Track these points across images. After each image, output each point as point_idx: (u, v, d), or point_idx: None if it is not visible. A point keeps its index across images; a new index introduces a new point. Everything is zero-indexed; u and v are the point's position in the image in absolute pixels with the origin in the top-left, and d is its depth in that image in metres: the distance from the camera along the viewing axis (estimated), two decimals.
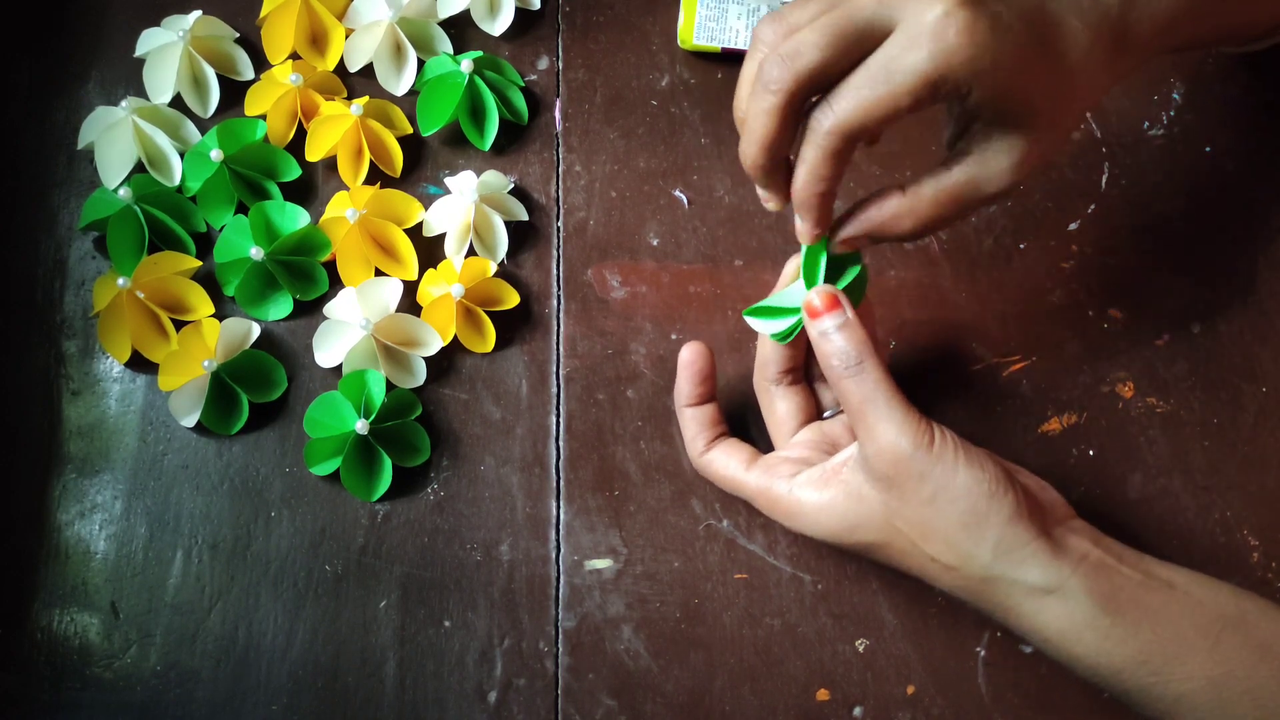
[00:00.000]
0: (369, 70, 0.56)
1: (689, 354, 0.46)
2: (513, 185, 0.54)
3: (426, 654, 0.47)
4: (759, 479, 0.44)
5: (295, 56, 0.56)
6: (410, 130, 0.55)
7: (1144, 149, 0.55)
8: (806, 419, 0.46)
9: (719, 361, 0.47)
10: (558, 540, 0.49)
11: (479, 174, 0.53)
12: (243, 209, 0.53)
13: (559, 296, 0.53)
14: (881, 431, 0.39)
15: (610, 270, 0.53)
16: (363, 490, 0.49)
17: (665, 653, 0.47)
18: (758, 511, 0.48)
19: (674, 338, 0.52)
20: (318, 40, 0.56)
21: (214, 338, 0.49)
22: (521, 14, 0.57)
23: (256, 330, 0.51)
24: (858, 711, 0.46)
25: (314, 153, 0.53)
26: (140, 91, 0.55)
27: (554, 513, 0.49)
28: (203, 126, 0.55)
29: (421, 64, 0.56)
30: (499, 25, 0.57)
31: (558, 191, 0.54)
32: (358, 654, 0.47)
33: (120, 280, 0.49)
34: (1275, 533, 0.48)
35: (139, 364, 0.51)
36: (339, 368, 0.50)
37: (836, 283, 0.42)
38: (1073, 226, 0.53)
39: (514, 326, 0.52)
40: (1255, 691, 0.37)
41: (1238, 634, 0.38)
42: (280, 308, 0.52)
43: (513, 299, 0.52)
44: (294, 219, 0.52)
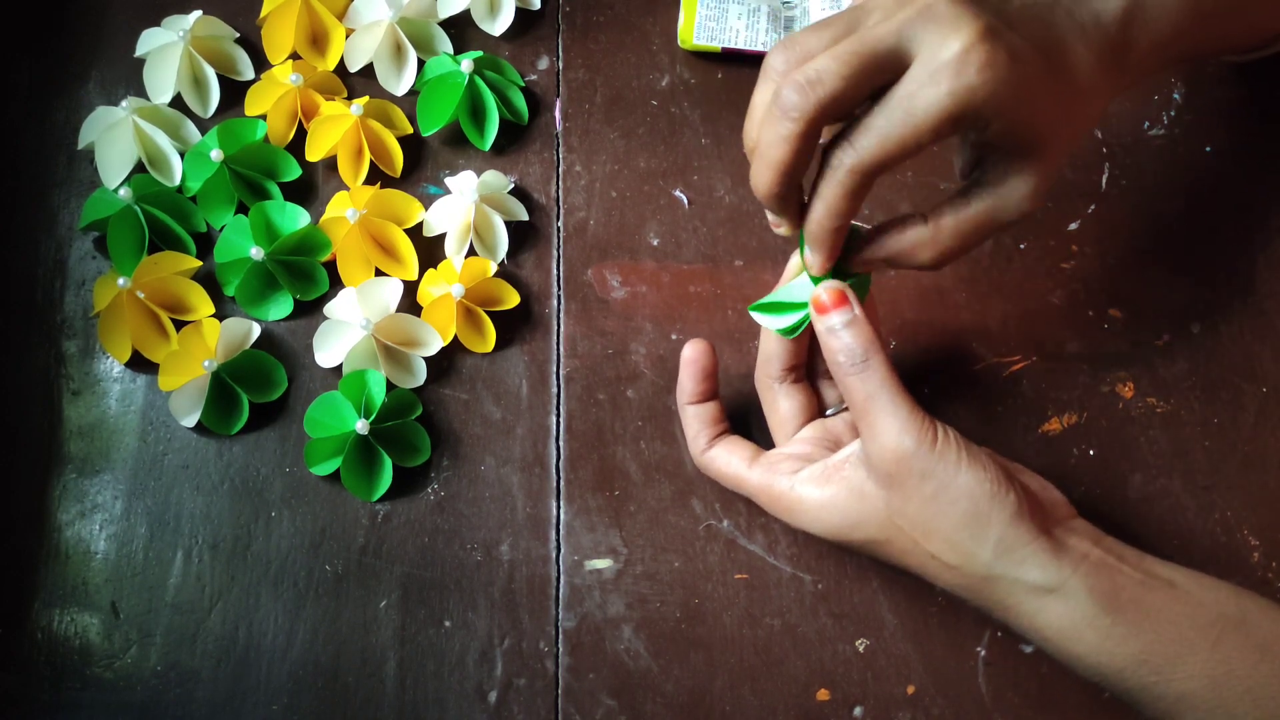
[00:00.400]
0: (369, 70, 0.56)
1: (692, 352, 0.46)
2: (513, 185, 0.54)
3: (427, 654, 0.47)
4: (761, 476, 0.44)
5: (295, 56, 0.56)
6: (410, 130, 0.55)
7: (1144, 149, 0.55)
8: (809, 417, 0.46)
9: (719, 360, 0.47)
10: (558, 540, 0.49)
11: (479, 174, 0.53)
12: (243, 209, 0.53)
13: (559, 296, 0.53)
14: (885, 428, 0.39)
15: (610, 270, 0.53)
16: (363, 490, 0.49)
17: (665, 653, 0.47)
18: (758, 511, 0.48)
19: (674, 338, 0.52)
20: (318, 40, 0.56)
21: (214, 338, 0.49)
22: (521, 14, 0.57)
23: (257, 330, 0.51)
24: (858, 711, 0.46)
25: (314, 153, 0.53)
26: (140, 91, 0.55)
27: (554, 513, 0.49)
28: (203, 126, 0.55)
29: (421, 64, 0.56)
30: (499, 25, 0.57)
31: (558, 191, 0.54)
32: (358, 654, 0.47)
33: (120, 280, 0.49)
34: (1275, 533, 0.48)
35: (139, 364, 0.51)
36: (339, 368, 0.50)
37: (842, 279, 0.42)
38: (1073, 226, 0.53)
39: (514, 326, 0.52)
40: (1256, 691, 0.37)
41: (1239, 633, 0.38)
42: (280, 308, 0.52)
43: (513, 299, 0.52)
44: (294, 219, 0.52)
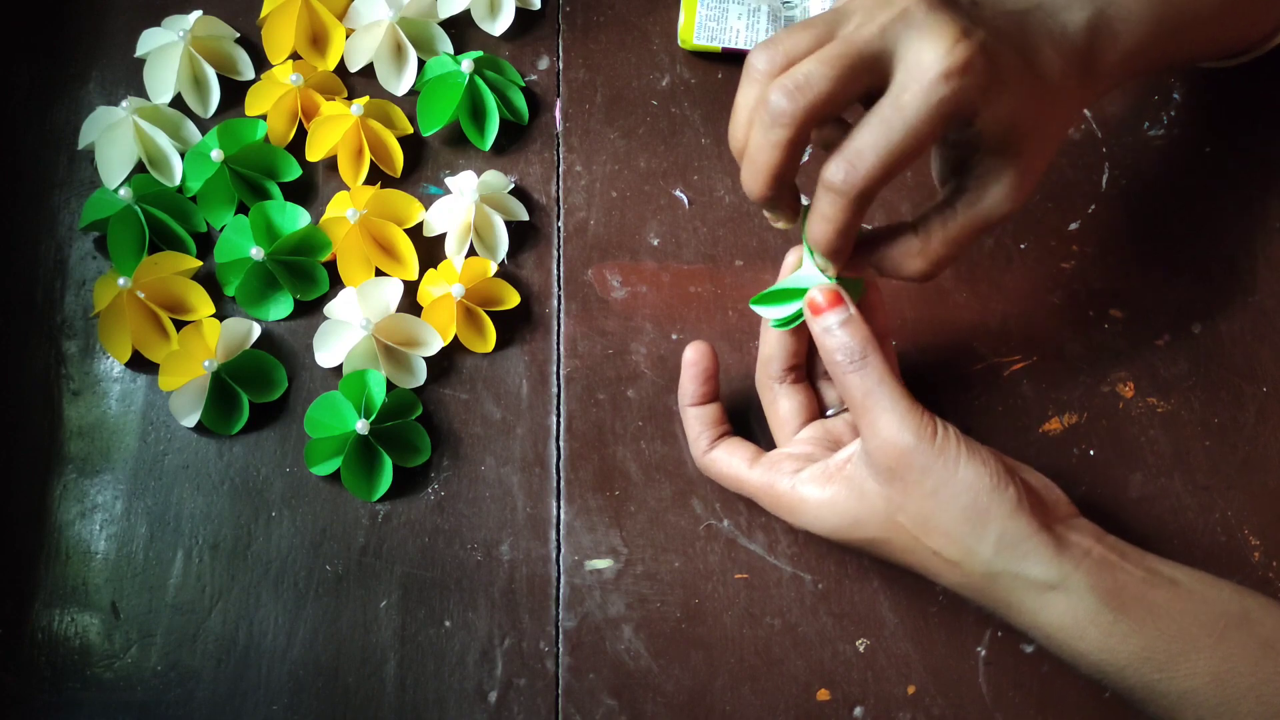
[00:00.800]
0: (369, 70, 0.56)
1: (693, 353, 0.46)
2: (513, 185, 0.54)
3: (427, 654, 0.47)
4: (762, 476, 0.44)
5: (296, 56, 0.56)
6: (410, 130, 0.55)
7: (1144, 149, 0.55)
8: (809, 417, 0.46)
9: (719, 361, 0.47)
10: (558, 540, 0.49)
11: (479, 174, 0.53)
12: (243, 209, 0.53)
13: (559, 296, 0.53)
14: (884, 425, 0.39)
15: (610, 270, 0.53)
16: (363, 490, 0.49)
17: (666, 653, 0.47)
18: (758, 511, 0.48)
19: (674, 338, 0.52)
20: (318, 40, 0.56)
21: (214, 338, 0.49)
22: (522, 14, 0.57)
23: (257, 330, 0.51)
24: (858, 711, 0.46)
25: (314, 153, 0.53)
26: (140, 91, 0.55)
27: (554, 513, 0.49)
28: (203, 126, 0.55)
29: (422, 64, 0.56)
30: (499, 25, 0.57)
31: (558, 191, 0.54)
32: (358, 654, 0.47)
33: (121, 280, 0.49)
34: (1275, 532, 0.48)
35: (139, 364, 0.51)
36: (339, 368, 0.50)
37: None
38: (1073, 226, 0.53)
39: (514, 326, 0.52)
40: (1259, 688, 0.37)
41: (1242, 631, 0.38)
42: (281, 308, 0.52)
43: (513, 299, 0.52)
44: (294, 219, 0.52)
